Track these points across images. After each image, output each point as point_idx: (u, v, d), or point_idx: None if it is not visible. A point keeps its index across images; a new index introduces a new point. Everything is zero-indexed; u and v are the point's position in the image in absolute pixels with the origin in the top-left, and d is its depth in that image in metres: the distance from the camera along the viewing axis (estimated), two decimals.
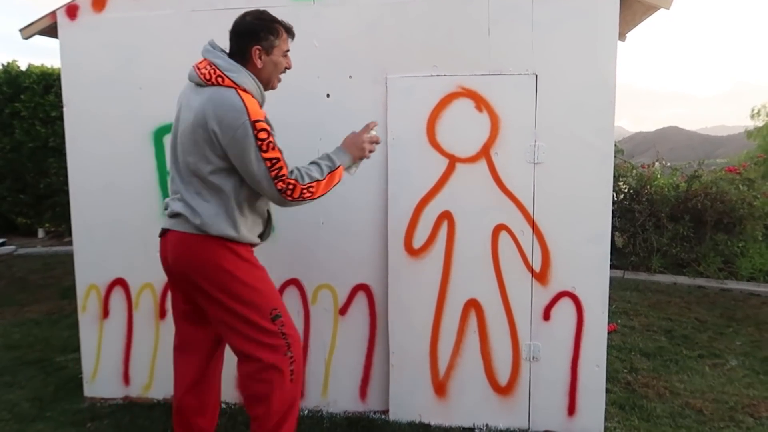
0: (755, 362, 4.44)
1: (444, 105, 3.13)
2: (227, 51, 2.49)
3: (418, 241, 3.22)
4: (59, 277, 7.21)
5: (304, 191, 2.43)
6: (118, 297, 3.56)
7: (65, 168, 3.61)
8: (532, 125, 3.07)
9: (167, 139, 3.40)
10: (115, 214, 3.49)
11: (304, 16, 3.22)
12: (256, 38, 2.45)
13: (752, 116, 13.88)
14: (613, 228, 7.73)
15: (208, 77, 2.38)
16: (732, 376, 4.14)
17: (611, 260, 3.15)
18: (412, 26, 3.15)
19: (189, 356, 2.71)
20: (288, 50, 2.57)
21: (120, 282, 3.55)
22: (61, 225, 9.81)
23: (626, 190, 8.09)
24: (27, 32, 3.57)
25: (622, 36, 3.65)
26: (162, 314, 3.52)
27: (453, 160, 3.15)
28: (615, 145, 3.26)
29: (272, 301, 2.52)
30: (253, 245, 2.57)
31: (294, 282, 3.39)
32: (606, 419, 3.23)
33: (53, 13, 3.46)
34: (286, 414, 2.50)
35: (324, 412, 3.42)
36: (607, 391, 3.51)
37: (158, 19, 3.36)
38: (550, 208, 3.10)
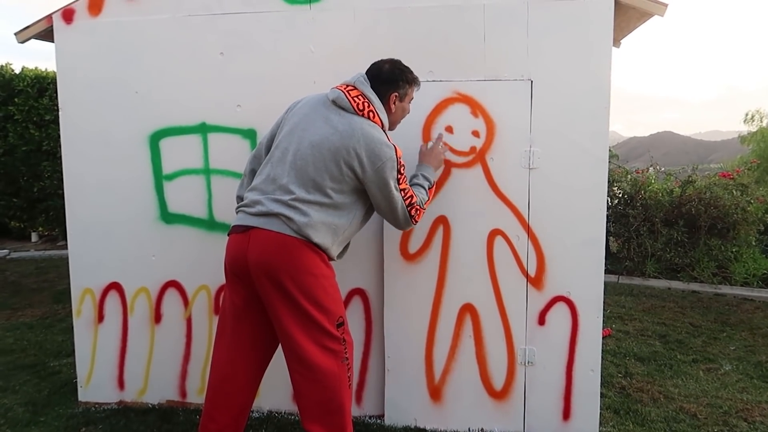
0: (749, 367, 4.45)
1: (440, 110, 3.14)
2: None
3: (413, 246, 3.23)
4: (53, 281, 7.18)
5: (420, 213, 2.78)
6: (113, 301, 3.55)
7: (59, 172, 3.62)
8: (527, 130, 3.08)
9: (164, 143, 3.41)
10: (111, 218, 3.49)
11: (300, 21, 3.23)
12: (395, 86, 2.70)
13: (746, 121, 13.98)
14: (608, 233, 7.75)
15: (361, 108, 2.60)
16: (726, 381, 4.15)
17: (605, 265, 3.16)
18: (407, 32, 3.16)
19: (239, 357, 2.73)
20: (412, 99, 2.84)
21: (115, 286, 3.54)
22: (54, 229, 9.78)
23: (620, 195, 8.12)
24: (22, 36, 3.56)
25: (616, 42, 3.68)
26: (157, 318, 3.51)
27: (448, 165, 3.16)
28: (609, 150, 3.27)
29: (340, 309, 2.65)
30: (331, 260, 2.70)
31: None
32: (601, 423, 3.24)
33: (49, 17, 3.45)
34: (348, 415, 2.63)
35: None
36: (602, 395, 3.52)
37: (154, 24, 3.36)
38: (545, 213, 3.11)
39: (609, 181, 4.80)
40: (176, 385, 3.55)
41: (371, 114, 2.61)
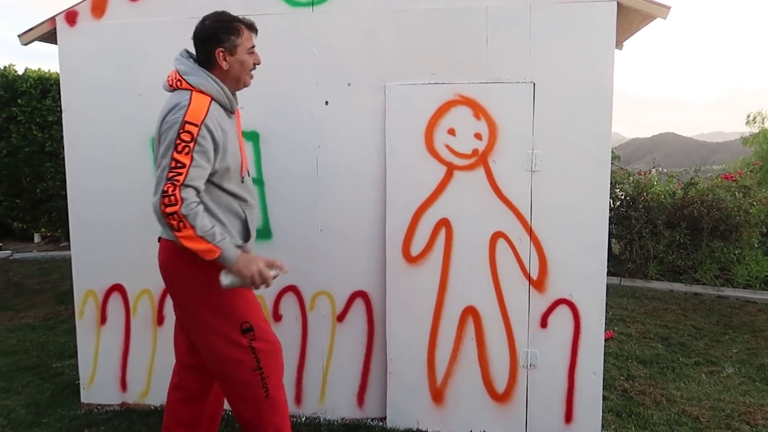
0: (752, 369, 4.45)
1: (442, 113, 3.14)
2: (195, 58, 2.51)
3: (416, 249, 3.23)
4: (55, 282, 7.18)
5: (175, 216, 2.19)
6: (115, 303, 3.55)
7: (62, 173, 3.63)
8: (529, 133, 3.08)
9: None
10: (114, 220, 3.49)
11: (303, 24, 3.23)
12: (217, 41, 2.43)
13: (748, 123, 13.94)
14: (610, 235, 7.74)
15: (171, 83, 2.43)
16: (728, 384, 4.15)
17: (608, 267, 3.15)
18: (410, 34, 3.16)
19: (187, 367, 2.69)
20: (253, 46, 2.53)
21: (118, 288, 3.55)
22: (57, 230, 9.79)
23: (623, 197, 8.11)
24: (26, 38, 3.57)
25: (619, 44, 3.68)
26: (160, 320, 3.52)
27: (451, 168, 3.16)
28: (611, 152, 3.27)
29: (243, 313, 2.45)
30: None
31: (292, 288, 3.40)
32: (603, 426, 3.24)
33: (53, 19, 3.46)
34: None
35: (321, 419, 3.41)
36: (604, 398, 3.52)
37: (157, 26, 3.37)
38: (548, 215, 3.11)
39: (611, 183, 4.80)
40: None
41: (178, 83, 2.40)
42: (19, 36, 3.60)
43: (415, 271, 3.24)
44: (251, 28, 2.53)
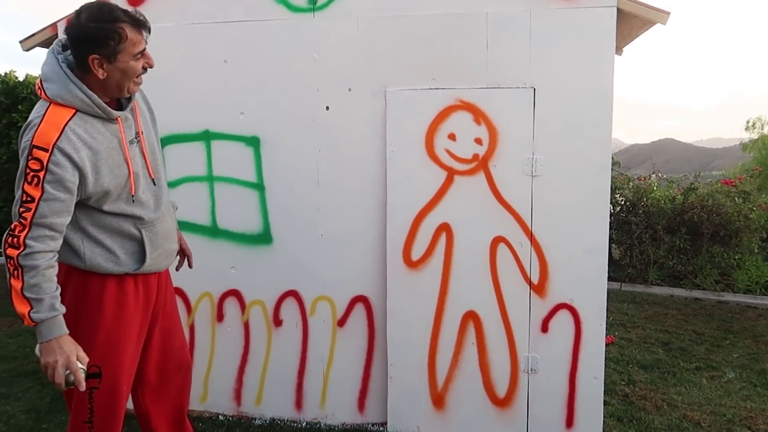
0: (752, 374, 4.44)
1: (443, 118, 3.15)
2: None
3: (416, 253, 3.23)
4: None
5: (12, 261, 1.91)
6: None
7: None
8: (530, 138, 3.09)
9: (167, 150, 3.41)
10: None
11: (304, 29, 3.24)
12: (91, 46, 1.95)
13: (747, 128, 13.97)
14: (610, 240, 7.73)
15: (36, 89, 2.05)
16: (729, 389, 4.14)
17: (608, 272, 3.16)
18: (411, 39, 3.17)
19: None
20: (143, 49, 2.05)
21: None
22: None
23: (623, 203, 8.11)
24: (27, 44, 3.58)
25: (618, 50, 3.69)
26: None
27: (451, 173, 3.16)
28: (611, 158, 3.28)
29: (101, 358, 2.11)
30: (126, 275, 2.17)
31: (293, 293, 3.39)
32: (604, 431, 3.23)
33: (54, 26, 3.47)
34: None
35: (322, 424, 3.41)
36: (605, 403, 3.51)
37: (158, 32, 3.32)
38: (548, 220, 3.11)
39: (611, 189, 4.80)
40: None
41: (39, 90, 2.01)
42: (20, 42, 3.61)
43: (416, 276, 3.24)
44: (141, 26, 2.03)
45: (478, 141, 3.13)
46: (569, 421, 3.18)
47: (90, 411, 2.13)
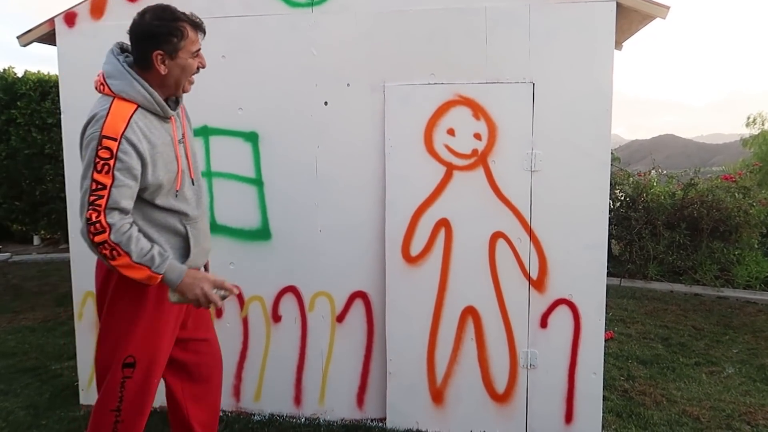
0: (752, 370, 4.44)
1: (441, 113, 3.14)
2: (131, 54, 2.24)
3: (415, 249, 3.22)
4: (55, 284, 7.17)
5: (106, 245, 2.03)
6: None
7: (61, 175, 3.61)
8: (529, 133, 3.08)
9: None
10: None
11: (302, 24, 3.23)
12: (155, 42, 2.13)
13: (747, 124, 13.97)
14: (610, 236, 7.73)
15: (96, 85, 2.20)
16: (729, 384, 4.14)
17: (608, 268, 3.15)
18: (409, 34, 3.16)
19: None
20: (198, 49, 2.25)
21: None
22: (56, 232, 9.77)
23: (623, 198, 8.10)
24: (25, 39, 3.57)
25: (618, 45, 3.68)
26: None
27: (450, 168, 3.16)
28: (611, 153, 3.28)
29: (133, 347, 2.22)
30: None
31: (291, 289, 3.39)
32: (603, 427, 3.23)
33: (51, 21, 3.46)
34: None
35: (321, 420, 3.41)
36: (604, 398, 3.51)
37: None
38: (547, 215, 3.11)
39: (611, 184, 4.79)
40: None
41: (101, 87, 2.16)
42: (18, 37, 3.60)
43: (415, 272, 3.23)
44: (198, 27, 2.24)
45: (477, 136, 3.12)
46: (568, 417, 3.18)
47: (119, 399, 2.22)
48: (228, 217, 3.38)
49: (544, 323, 3.16)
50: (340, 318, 3.37)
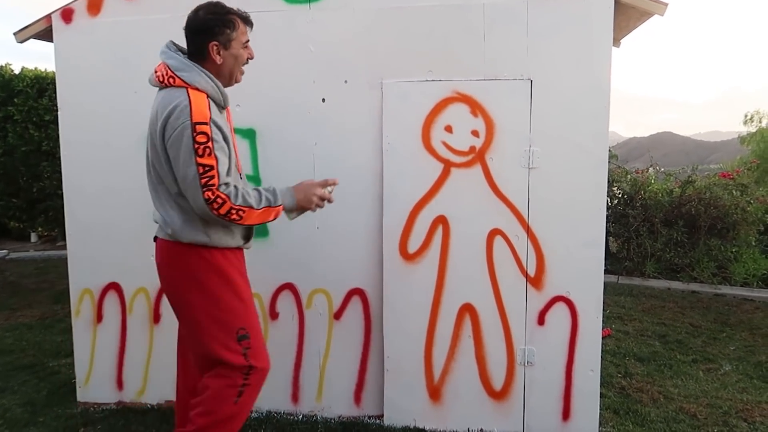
0: (749, 367, 4.45)
1: (439, 110, 3.14)
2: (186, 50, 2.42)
3: (413, 246, 3.22)
4: (52, 281, 7.17)
5: (233, 211, 2.26)
6: (112, 301, 3.54)
7: (58, 172, 3.60)
8: (526, 130, 3.08)
9: None
10: (110, 218, 3.48)
11: (300, 21, 3.22)
12: (211, 34, 2.33)
13: (745, 122, 14.01)
14: (607, 233, 7.74)
15: (161, 79, 2.33)
16: (726, 381, 4.15)
17: (605, 265, 3.15)
18: (407, 31, 3.15)
19: (185, 358, 2.68)
20: (248, 40, 2.45)
21: (114, 286, 3.53)
22: (54, 229, 9.77)
23: (620, 196, 8.11)
24: (22, 35, 3.56)
25: (616, 42, 3.67)
26: (156, 319, 3.51)
27: (448, 165, 3.15)
28: (609, 151, 3.28)
29: (242, 319, 2.40)
30: (236, 248, 2.48)
31: (289, 286, 3.39)
32: (600, 424, 3.24)
33: (48, 17, 3.45)
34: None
35: (318, 417, 3.41)
36: (602, 395, 3.52)
37: (154, 23, 3.35)
38: (545, 212, 3.11)
39: (609, 182, 4.79)
40: (175, 386, 3.53)
41: (171, 80, 2.30)
42: (15, 33, 3.59)
43: (413, 269, 3.23)
44: (247, 21, 2.43)
45: (475, 133, 3.12)
46: (566, 414, 3.18)
47: (247, 366, 2.37)
48: None
49: (541, 320, 3.16)
50: (338, 315, 3.37)
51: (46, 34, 3.53)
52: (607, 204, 7.55)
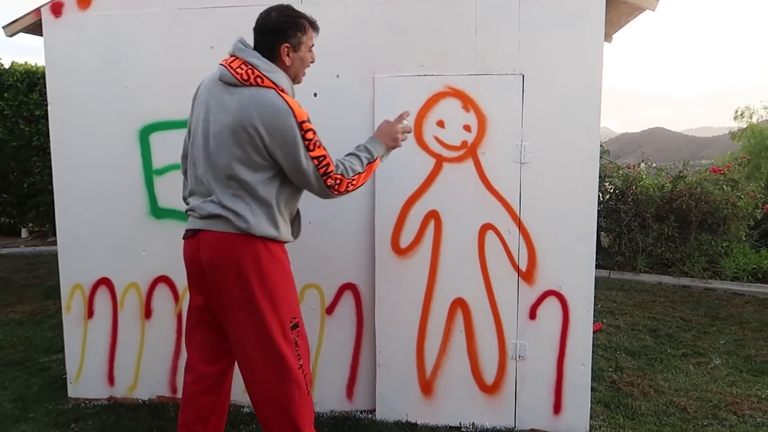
0: (738, 361, 4.48)
1: (431, 104, 3.13)
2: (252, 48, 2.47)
3: (405, 241, 3.22)
4: (43, 277, 7.14)
5: (349, 185, 2.51)
6: (103, 297, 3.53)
7: (49, 167, 3.58)
8: (518, 125, 3.08)
9: (154, 138, 3.39)
10: (100, 213, 3.47)
11: None
12: (284, 36, 2.42)
13: (736, 118, 14.06)
14: (599, 228, 7.78)
15: (245, 77, 2.35)
16: (716, 375, 4.18)
17: (597, 260, 3.16)
18: (399, 26, 3.15)
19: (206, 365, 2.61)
20: (312, 45, 2.55)
21: (105, 282, 3.52)
22: (44, 225, 9.73)
23: (612, 191, 8.15)
24: (11, 29, 3.53)
25: (608, 37, 3.68)
26: (147, 314, 3.50)
27: (440, 160, 3.15)
28: (601, 146, 3.29)
29: (294, 309, 2.52)
30: (286, 242, 2.57)
31: None
32: (591, 417, 3.25)
33: (38, 11, 3.42)
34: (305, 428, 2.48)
35: None
36: (593, 389, 3.53)
37: (145, 17, 3.34)
38: (537, 207, 3.11)
39: (600, 177, 4.80)
40: (167, 381, 3.53)
41: (258, 80, 2.36)
42: (3, 27, 3.56)
43: (404, 264, 3.23)
44: (314, 26, 2.54)
45: (467, 128, 3.12)
46: (557, 408, 3.20)
47: (299, 357, 2.47)
48: None
49: (533, 315, 3.18)
50: (330, 310, 3.37)
51: (35, 28, 3.50)
52: (599, 199, 7.57)
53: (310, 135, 2.35)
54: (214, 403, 2.62)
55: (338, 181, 2.46)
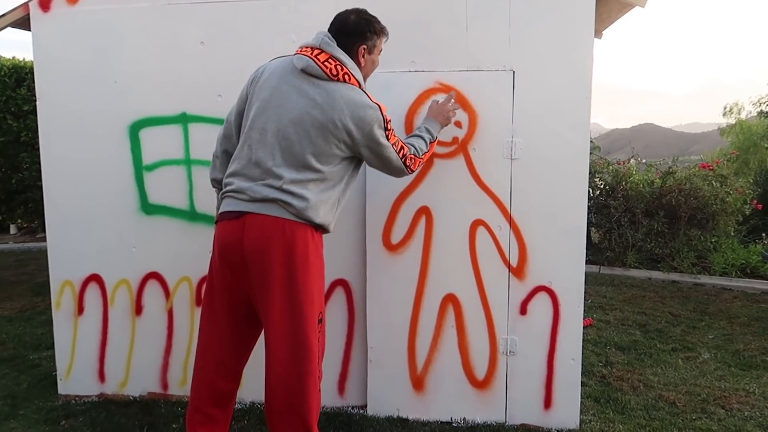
0: (727, 355, 4.52)
1: (422, 100, 3.13)
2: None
3: (396, 237, 3.23)
4: (32, 273, 7.10)
5: (420, 163, 2.76)
6: (93, 293, 3.51)
7: (38, 163, 3.55)
8: (509, 121, 3.09)
9: (144, 133, 3.38)
10: (90, 210, 3.45)
11: (282, 10, 3.20)
12: (362, 38, 2.54)
13: (725, 114, 14.16)
14: (589, 224, 7.81)
15: (335, 72, 2.42)
16: (704, 369, 4.21)
17: (587, 255, 3.18)
18: (390, 21, 3.12)
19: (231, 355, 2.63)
20: (381, 50, 2.69)
21: (95, 278, 3.50)
22: (33, 221, 9.66)
23: (602, 186, 8.18)
24: None
25: (598, 33, 3.69)
26: (138, 310, 3.48)
27: (431, 156, 3.15)
28: (591, 142, 3.30)
29: (323, 303, 2.58)
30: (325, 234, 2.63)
31: None
32: (581, 412, 3.27)
33: (26, 5, 3.39)
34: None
35: None
36: (583, 384, 3.56)
37: (134, 12, 3.32)
38: (527, 203, 3.12)
39: (590, 173, 4.81)
40: (158, 377, 3.52)
41: (347, 77, 2.45)
42: None
43: (396, 260, 3.24)
44: (385, 32, 2.67)
45: (458, 124, 3.12)
46: (547, 403, 3.21)
47: (319, 351, 2.51)
48: (208, 206, 3.35)
49: (523, 310, 3.19)
50: None
51: (23, 23, 3.47)
52: (589, 195, 7.61)
53: (389, 125, 2.54)
54: (232, 392, 2.69)
55: (412, 161, 2.69)
